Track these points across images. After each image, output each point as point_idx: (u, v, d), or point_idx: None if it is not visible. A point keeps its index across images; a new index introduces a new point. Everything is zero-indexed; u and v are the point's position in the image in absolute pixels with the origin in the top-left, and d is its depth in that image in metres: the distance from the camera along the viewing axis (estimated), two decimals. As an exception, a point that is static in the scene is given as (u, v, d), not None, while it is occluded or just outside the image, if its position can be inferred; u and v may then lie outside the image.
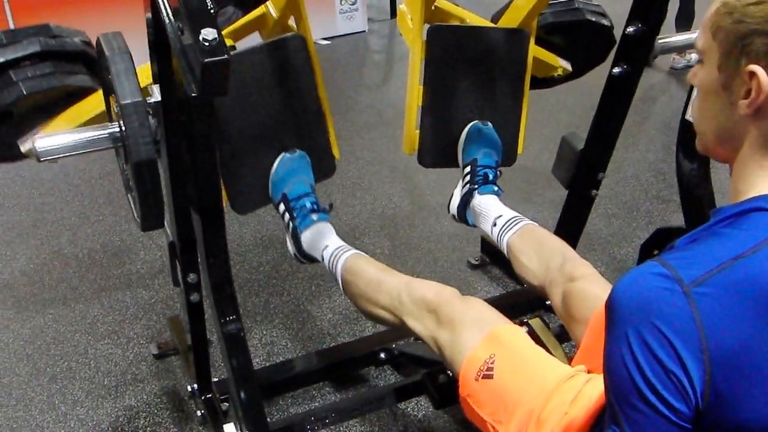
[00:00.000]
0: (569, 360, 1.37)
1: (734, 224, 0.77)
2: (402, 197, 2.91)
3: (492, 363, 1.16)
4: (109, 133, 1.32)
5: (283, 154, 1.66)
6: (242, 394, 1.38)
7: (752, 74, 0.77)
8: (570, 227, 2.06)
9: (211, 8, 1.01)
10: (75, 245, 2.62)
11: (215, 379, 1.78)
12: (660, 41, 1.77)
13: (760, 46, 0.76)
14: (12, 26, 4.20)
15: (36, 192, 3.02)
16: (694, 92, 1.79)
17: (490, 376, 1.15)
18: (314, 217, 1.63)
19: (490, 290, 2.30)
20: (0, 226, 2.77)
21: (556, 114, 3.71)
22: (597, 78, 2.01)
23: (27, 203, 2.94)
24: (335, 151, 1.79)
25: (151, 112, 1.30)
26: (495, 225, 1.68)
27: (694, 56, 3.99)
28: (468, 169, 1.79)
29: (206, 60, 0.95)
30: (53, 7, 4.34)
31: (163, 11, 1.08)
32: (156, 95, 1.30)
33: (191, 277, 1.55)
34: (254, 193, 1.67)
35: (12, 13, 4.22)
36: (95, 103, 1.52)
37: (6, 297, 2.33)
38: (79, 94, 1.60)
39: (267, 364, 1.98)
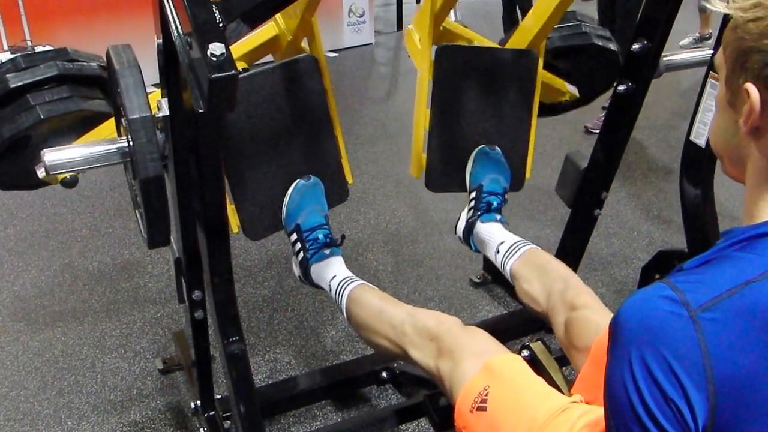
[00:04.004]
0: (570, 385, 1.38)
1: (746, 248, 0.75)
2: (406, 212, 2.94)
3: (486, 395, 1.17)
4: (117, 148, 1.33)
5: (297, 180, 1.66)
6: (243, 416, 1.41)
7: (748, 92, 0.75)
8: (572, 246, 2.08)
9: (219, 23, 1.00)
10: (85, 257, 2.66)
11: (218, 396, 1.80)
12: (665, 59, 1.78)
13: (754, 64, 0.74)
14: (28, 37, 4.26)
15: (48, 203, 3.06)
16: (698, 114, 1.82)
17: (483, 408, 1.16)
18: (327, 251, 1.63)
19: (491, 309, 2.32)
20: (13, 236, 2.82)
21: (559, 130, 3.72)
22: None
23: (39, 213, 2.99)
24: (348, 176, 1.79)
25: (159, 126, 1.31)
26: (498, 252, 1.68)
27: None
28: (473, 195, 1.80)
29: (214, 75, 0.94)
30: (68, 19, 4.41)
31: (172, 25, 1.08)
32: (165, 109, 1.31)
33: (196, 295, 1.57)
34: (266, 218, 1.67)
35: (29, 24, 4.29)
36: (112, 128, 1.53)
37: (17, 309, 2.37)
38: (96, 119, 1.63)
39: (270, 382, 2.01)
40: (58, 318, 2.32)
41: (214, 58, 0.95)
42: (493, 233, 1.72)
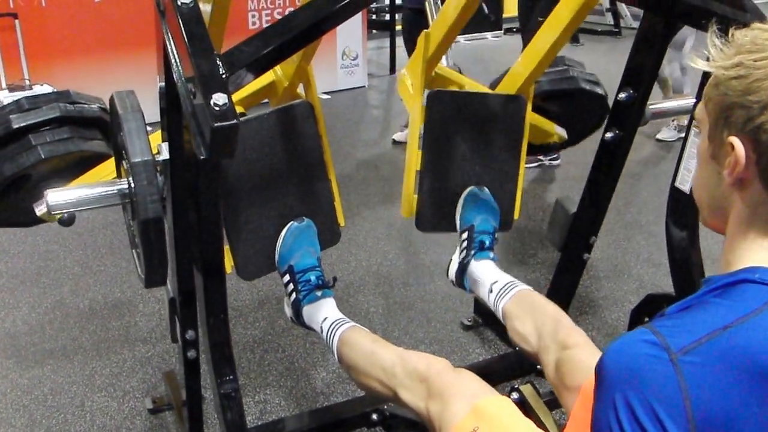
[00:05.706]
0: (560, 429, 1.39)
1: (724, 294, 0.79)
2: (397, 255, 2.96)
3: (476, 436, 1.18)
4: (117, 190, 1.37)
5: (291, 222, 1.69)
6: (235, 457, 1.41)
7: (732, 146, 0.79)
8: (562, 289, 2.10)
9: (222, 74, 1.04)
10: (77, 295, 2.66)
11: (209, 437, 1.81)
12: (650, 107, 1.82)
13: (738, 119, 0.79)
14: (27, 76, 4.32)
15: (41, 239, 3.07)
16: (683, 160, 1.87)
17: None
18: (318, 293, 1.65)
19: (482, 352, 2.33)
20: (5, 273, 2.82)
21: (550, 173, 3.78)
22: (591, 137, 2.06)
23: (32, 250, 3.00)
24: (340, 218, 1.81)
25: (159, 169, 1.34)
26: (491, 291, 1.70)
27: None
28: (465, 235, 1.83)
29: (216, 124, 0.98)
30: (66, 58, 4.48)
31: (176, 73, 1.12)
32: (165, 153, 1.35)
33: (189, 334, 1.58)
34: (260, 260, 1.69)
35: (28, 63, 4.35)
36: (110, 168, 1.57)
37: (7, 346, 2.36)
38: (96, 160, 1.67)
39: (260, 423, 2.00)
40: (48, 356, 2.32)
41: (217, 108, 0.99)
42: (487, 272, 1.75)
